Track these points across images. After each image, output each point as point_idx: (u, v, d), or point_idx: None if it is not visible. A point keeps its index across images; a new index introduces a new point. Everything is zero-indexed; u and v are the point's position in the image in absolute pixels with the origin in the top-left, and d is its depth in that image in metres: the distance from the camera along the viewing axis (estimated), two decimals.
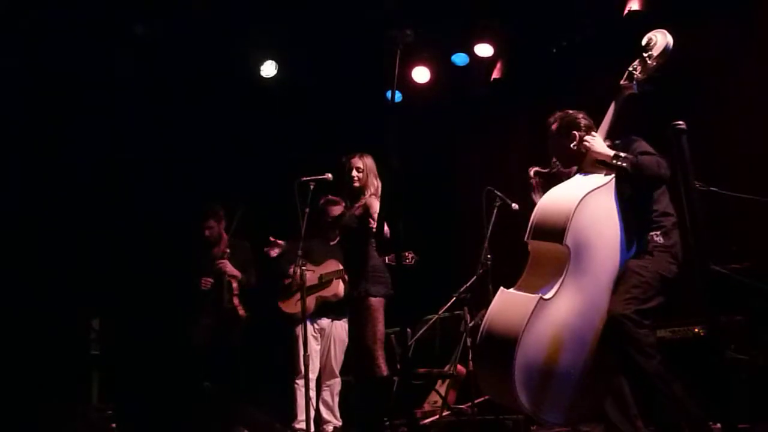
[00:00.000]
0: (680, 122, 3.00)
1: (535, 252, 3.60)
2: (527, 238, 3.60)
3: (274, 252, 5.58)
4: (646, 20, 5.61)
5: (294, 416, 5.37)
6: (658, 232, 3.56)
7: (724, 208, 4.41)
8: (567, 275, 3.41)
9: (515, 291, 3.54)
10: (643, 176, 3.48)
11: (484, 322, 3.52)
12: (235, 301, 5.62)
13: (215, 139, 6.81)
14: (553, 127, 3.82)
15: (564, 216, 3.42)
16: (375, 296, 4.50)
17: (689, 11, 5.45)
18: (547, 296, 3.37)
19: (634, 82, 3.57)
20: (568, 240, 3.39)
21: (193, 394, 5.39)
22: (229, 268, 5.60)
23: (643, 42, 3.61)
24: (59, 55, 5.89)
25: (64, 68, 5.96)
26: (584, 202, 3.44)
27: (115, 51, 6.04)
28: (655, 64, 3.56)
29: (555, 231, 3.44)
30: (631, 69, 3.60)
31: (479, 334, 3.51)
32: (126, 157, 6.44)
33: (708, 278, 2.96)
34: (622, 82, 3.62)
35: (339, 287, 5.40)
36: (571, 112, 3.80)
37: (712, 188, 3.98)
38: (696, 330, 4.52)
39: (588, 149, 3.61)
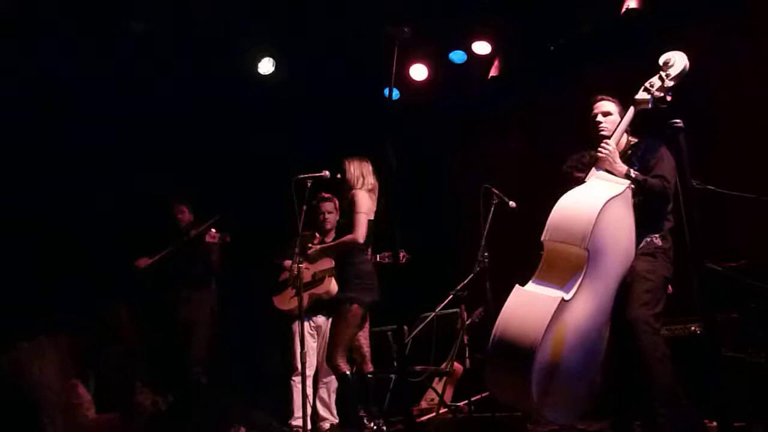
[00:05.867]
0: (677, 120, 3.00)
1: (551, 252, 3.61)
2: (544, 238, 3.61)
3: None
4: (643, 18, 5.62)
5: (291, 413, 5.37)
6: (658, 235, 3.66)
7: (720, 206, 4.41)
8: (584, 278, 3.44)
9: (532, 290, 3.53)
10: (650, 194, 3.62)
11: (499, 319, 3.50)
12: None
13: (212, 137, 6.79)
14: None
15: (586, 220, 3.46)
16: (360, 304, 4.62)
17: (687, 9, 5.45)
18: (567, 297, 3.39)
19: (650, 98, 3.63)
20: (590, 244, 3.43)
21: (190, 391, 5.40)
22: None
23: (661, 61, 3.68)
24: (56, 53, 5.88)
25: (61, 66, 5.95)
26: (605, 208, 3.49)
27: (112, 49, 6.03)
28: (671, 84, 3.63)
29: (577, 234, 3.47)
30: (647, 85, 3.67)
31: (494, 332, 3.47)
32: (121, 155, 6.43)
33: (704, 276, 2.96)
34: (637, 96, 3.67)
35: (331, 285, 5.41)
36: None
37: (709, 186, 3.99)
38: (692, 328, 4.53)
39: (602, 161, 3.67)
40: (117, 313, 4.67)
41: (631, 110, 3.69)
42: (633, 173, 3.63)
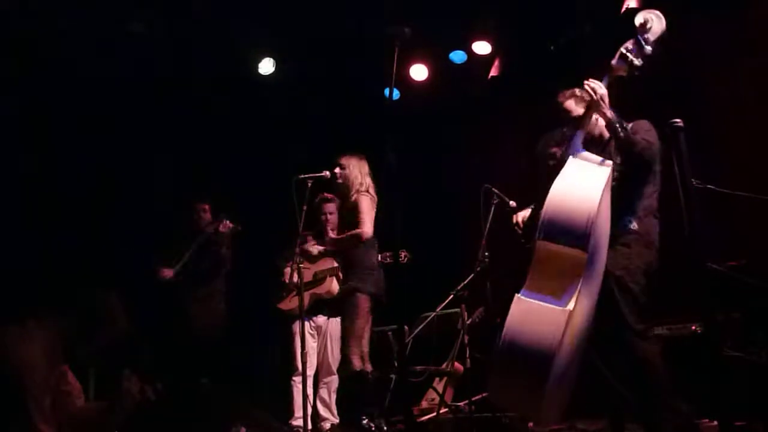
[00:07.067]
0: (677, 120, 3.00)
1: (544, 253, 3.30)
2: (538, 237, 3.32)
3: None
4: None
5: (291, 413, 5.37)
6: (633, 219, 3.50)
7: (720, 205, 4.41)
8: (583, 281, 3.21)
9: (534, 300, 3.23)
10: (632, 152, 3.43)
11: (503, 333, 3.22)
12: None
13: (213, 137, 6.80)
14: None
15: (584, 219, 3.20)
16: (362, 293, 4.63)
17: (686, 9, 5.45)
18: (570, 307, 3.15)
19: (626, 65, 3.42)
20: (589, 246, 3.18)
21: (192, 391, 5.40)
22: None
23: (638, 22, 3.45)
24: (56, 53, 5.88)
25: (61, 66, 5.96)
26: (600, 200, 3.24)
27: (112, 49, 6.03)
28: (650, 49, 3.41)
29: (575, 235, 3.20)
30: (623, 50, 3.43)
31: (499, 346, 3.22)
32: (123, 156, 6.43)
33: (705, 276, 2.96)
34: (613, 62, 3.45)
35: (333, 285, 5.42)
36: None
37: (709, 186, 3.98)
38: (693, 327, 4.53)
39: (595, 104, 3.42)
40: (107, 300, 4.67)
41: (605, 79, 3.45)
42: (621, 122, 3.39)
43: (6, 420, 3.89)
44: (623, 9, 5.69)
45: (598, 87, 3.43)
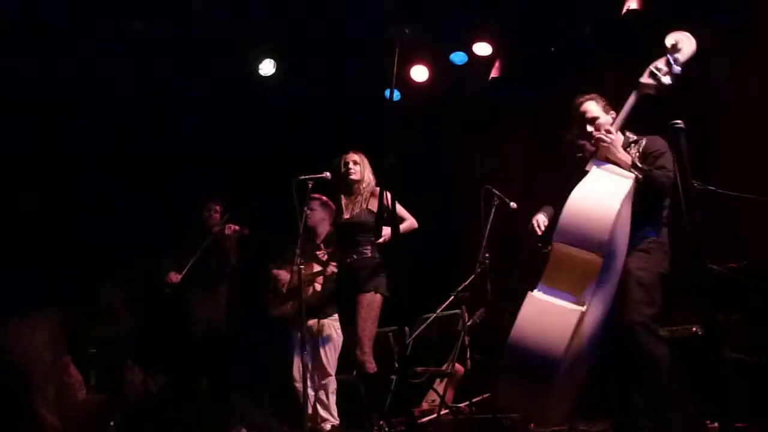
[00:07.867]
0: (678, 121, 3.00)
1: (560, 255, 3.36)
2: (555, 240, 3.37)
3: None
4: (644, 19, 5.63)
5: (292, 415, 5.37)
6: (651, 228, 3.58)
7: (721, 206, 4.41)
8: (597, 285, 3.26)
9: (547, 298, 3.28)
10: (652, 188, 3.51)
11: (513, 329, 3.26)
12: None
13: (213, 138, 6.80)
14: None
15: (604, 226, 3.26)
16: (382, 294, 4.53)
17: (687, 10, 5.45)
18: (583, 308, 3.20)
19: (656, 83, 3.44)
20: (605, 251, 3.25)
21: (191, 391, 5.40)
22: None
23: (669, 43, 3.46)
24: (56, 53, 5.88)
25: (61, 65, 5.96)
26: (620, 209, 3.30)
27: (112, 49, 6.03)
28: (679, 69, 3.43)
29: (592, 241, 3.26)
30: (653, 69, 3.45)
31: (509, 341, 3.24)
32: (123, 156, 6.43)
33: (705, 277, 2.96)
34: (642, 80, 3.48)
35: (310, 290, 5.42)
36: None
37: (710, 187, 3.98)
38: (693, 329, 4.53)
39: (606, 151, 3.50)
40: (110, 294, 4.67)
41: (633, 96, 3.49)
42: (639, 165, 3.49)
43: (10, 411, 3.88)
44: (624, 10, 5.69)
45: (609, 134, 3.50)
